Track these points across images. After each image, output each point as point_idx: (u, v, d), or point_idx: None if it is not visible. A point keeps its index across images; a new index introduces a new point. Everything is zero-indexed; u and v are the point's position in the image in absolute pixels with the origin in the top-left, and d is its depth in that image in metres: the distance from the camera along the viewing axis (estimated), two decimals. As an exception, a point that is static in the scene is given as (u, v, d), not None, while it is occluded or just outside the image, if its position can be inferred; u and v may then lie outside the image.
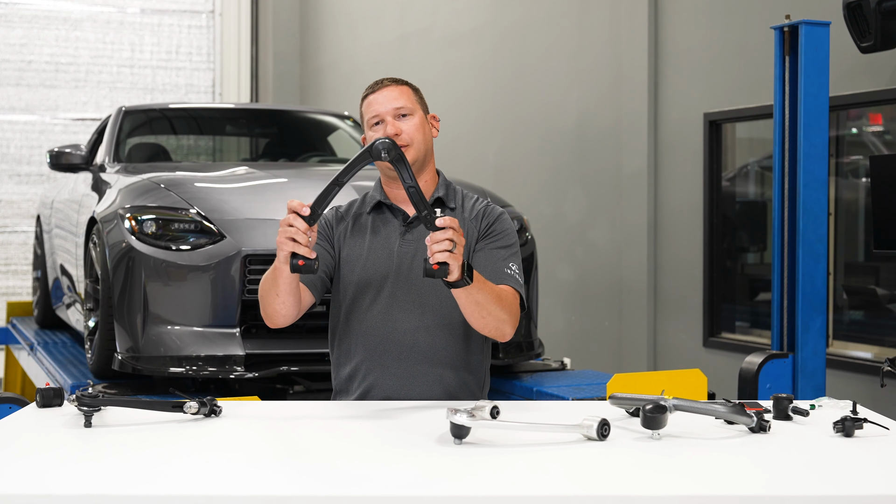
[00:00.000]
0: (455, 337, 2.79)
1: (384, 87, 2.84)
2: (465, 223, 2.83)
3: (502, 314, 2.64)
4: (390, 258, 2.80)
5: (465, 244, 2.79)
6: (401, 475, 1.95)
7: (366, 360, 2.79)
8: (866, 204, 5.62)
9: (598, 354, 7.27)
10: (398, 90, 2.84)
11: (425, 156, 2.85)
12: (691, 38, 6.58)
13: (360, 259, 2.82)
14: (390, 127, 2.78)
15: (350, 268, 2.82)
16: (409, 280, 2.78)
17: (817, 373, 4.52)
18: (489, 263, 2.77)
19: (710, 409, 2.31)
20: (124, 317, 4.14)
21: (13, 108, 11.95)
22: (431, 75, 9.53)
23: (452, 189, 2.93)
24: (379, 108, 2.82)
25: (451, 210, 2.86)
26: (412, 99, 2.84)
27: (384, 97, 2.82)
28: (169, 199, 4.30)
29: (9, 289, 11.79)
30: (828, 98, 4.54)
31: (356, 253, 2.83)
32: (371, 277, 2.80)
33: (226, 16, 12.62)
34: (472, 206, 2.89)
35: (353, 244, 2.84)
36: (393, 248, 2.81)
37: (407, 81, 2.90)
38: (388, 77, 2.90)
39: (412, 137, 2.80)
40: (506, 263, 2.76)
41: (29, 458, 2.07)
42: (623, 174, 7.08)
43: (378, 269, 2.80)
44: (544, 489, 1.86)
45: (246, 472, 1.97)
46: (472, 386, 2.84)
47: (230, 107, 7.38)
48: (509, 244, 2.81)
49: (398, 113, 2.80)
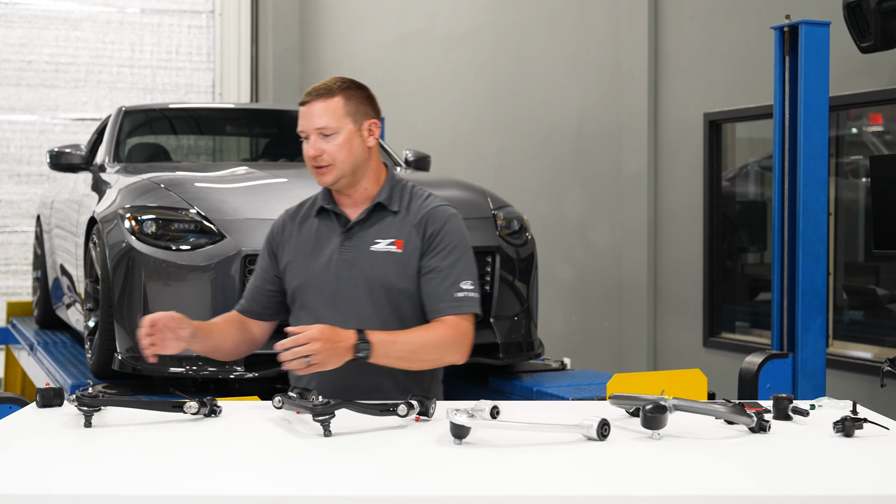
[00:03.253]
0: None
1: (312, 102, 2.76)
2: (407, 229, 2.77)
3: (435, 354, 2.64)
4: (329, 265, 2.77)
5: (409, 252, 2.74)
6: (401, 475, 1.95)
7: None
8: (866, 204, 5.62)
9: (598, 354, 7.27)
10: (324, 106, 2.74)
11: (354, 171, 2.77)
12: (691, 38, 6.58)
13: (302, 267, 2.81)
14: (311, 148, 2.74)
15: (293, 275, 2.82)
16: (349, 288, 2.75)
17: (817, 373, 4.52)
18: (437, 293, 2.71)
19: (710, 409, 2.31)
20: (124, 317, 4.14)
21: (13, 108, 11.94)
22: (431, 75, 9.53)
23: (400, 190, 2.84)
24: (304, 124, 2.77)
25: (394, 214, 2.79)
26: (339, 114, 2.74)
27: (310, 113, 2.75)
28: (169, 199, 4.30)
29: (9, 289, 11.79)
30: (828, 98, 4.54)
31: (299, 261, 2.82)
32: (311, 285, 2.79)
33: (226, 16, 12.62)
34: (417, 208, 2.80)
35: (297, 251, 2.83)
36: (333, 255, 2.78)
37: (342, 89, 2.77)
38: (322, 85, 2.78)
39: (333, 157, 2.74)
40: (456, 285, 2.71)
41: (29, 459, 2.07)
42: (623, 174, 7.07)
43: (318, 277, 2.78)
44: (544, 489, 1.86)
45: (246, 472, 1.97)
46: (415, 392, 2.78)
47: (230, 107, 7.37)
48: (458, 257, 2.74)
49: (320, 132, 2.74)
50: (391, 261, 2.75)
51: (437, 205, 2.83)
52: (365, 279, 2.75)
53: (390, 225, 2.79)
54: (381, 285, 2.75)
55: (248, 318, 2.91)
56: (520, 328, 4.53)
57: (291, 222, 2.89)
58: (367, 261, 2.76)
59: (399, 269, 2.75)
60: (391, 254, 2.75)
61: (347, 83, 2.80)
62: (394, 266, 2.75)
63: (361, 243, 2.77)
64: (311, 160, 2.76)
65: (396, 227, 2.79)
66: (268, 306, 2.89)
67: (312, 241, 2.82)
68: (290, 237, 2.87)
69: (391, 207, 2.80)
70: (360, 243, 2.78)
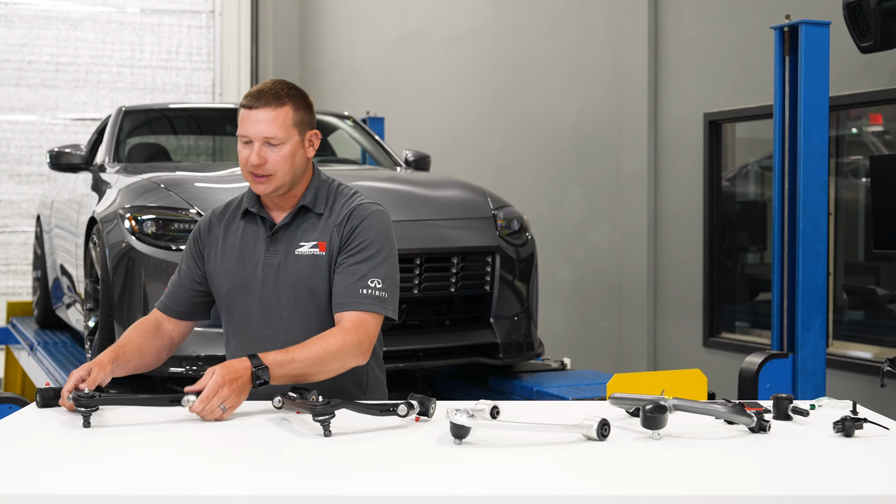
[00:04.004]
0: None
1: (261, 107, 2.65)
2: (329, 230, 2.70)
3: (336, 363, 2.56)
4: (255, 271, 2.72)
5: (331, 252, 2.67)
6: (401, 475, 1.95)
7: None
8: (866, 204, 5.62)
9: (598, 354, 7.27)
10: (275, 114, 2.64)
11: (292, 180, 2.69)
12: (691, 38, 6.58)
13: (228, 272, 2.74)
14: (255, 156, 2.63)
15: (221, 280, 2.76)
16: (276, 294, 2.69)
17: (817, 373, 4.52)
18: (340, 288, 2.64)
19: (710, 409, 2.31)
20: (124, 317, 4.14)
21: (13, 108, 11.95)
22: (431, 75, 9.53)
23: (325, 191, 2.76)
24: (249, 129, 2.65)
25: (318, 216, 2.72)
26: (287, 125, 2.65)
27: (257, 119, 2.64)
28: (169, 199, 4.30)
29: (9, 289, 11.80)
30: (828, 98, 4.54)
31: (224, 266, 2.75)
32: (239, 291, 2.73)
33: (226, 16, 12.63)
34: (339, 208, 2.73)
35: (224, 256, 2.76)
36: (259, 259, 2.72)
37: (291, 95, 2.69)
38: (271, 89, 2.67)
39: (276, 168, 2.65)
40: (363, 281, 2.63)
41: (29, 459, 2.07)
42: (623, 174, 7.07)
43: (244, 283, 2.72)
44: (544, 489, 1.86)
45: (246, 472, 1.97)
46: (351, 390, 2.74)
47: (230, 107, 7.37)
48: (371, 253, 2.66)
49: (267, 141, 2.65)
50: (314, 264, 2.68)
51: (360, 203, 2.74)
52: (291, 284, 2.68)
53: (314, 227, 2.72)
54: (307, 290, 2.68)
55: (165, 318, 2.82)
56: (520, 328, 4.53)
57: (218, 224, 2.81)
58: (293, 265, 2.69)
59: (322, 272, 2.68)
60: (314, 256, 2.68)
61: (294, 90, 2.71)
62: (317, 269, 2.68)
63: (286, 247, 2.70)
64: (253, 167, 2.66)
65: (320, 229, 2.71)
66: (190, 305, 2.81)
67: (238, 245, 2.75)
68: (216, 240, 2.79)
69: (316, 209, 2.73)
70: (284, 247, 2.71)
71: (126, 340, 2.74)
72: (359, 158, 6.43)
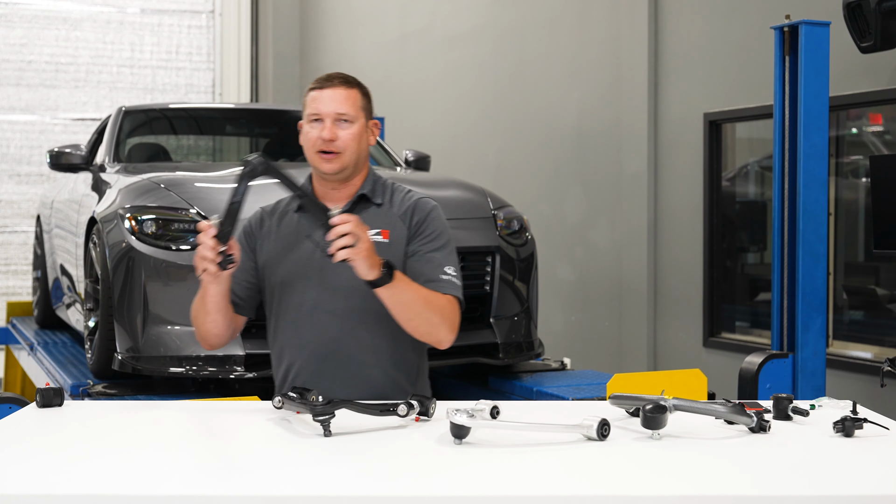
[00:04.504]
0: (381, 334, 2.74)
1: (334, 86, 2.76)
2: (392, 220, 2.78)
3: (433, 318, 2.62)
4: (313, 257, 2.76)
5: (396, 241, 2.75)
6: (401, 475, 1.95)
7: (295, 361, 2.77)
8: (866, 204, 5.62)
9: (598, 354, 7.27)
10: (346, 93, 2.76)
11: (356, 164, 2.78)
12: (691, 38, 6.58)
13: (284, 261, 2.78)
14: (327, 131, 2.72)
15: (273, 270, 2.79)
16: (334, 278, 2.73)
17: (817, 373, 4.52)
18: (424, 271, 2.72)
19: (710, 409, 2.31)
20: (124, 317, 4.14)
21: (13, 108, 11.94)
22: (431, 75, 9.53)
23: (381, 185, 2.86)
24: (322, 108, 2.75)
25: (378, 206, 2.81)
26: (357, 106, 2.77)
27: (330, 97, 2.75)
28: (169, 199, 4.30)
29: (9, 289, 11.79)
30: (828, 98, 4.54)
31: (280, 255, 2.79)
32: (295, 279, 2.76)
33: (226, 16, 12.62)
34: (400, 200, 2.82)
35: (276, 245, 2.81)
36: (317, 247, 2.76)
37: (359, 83, 2.82)
38: (340, 75, 2.81)
39: (346, 146, 2.74)
40: (441, 268, 2.71)
41: (29, 459, 2.07)
42: (623, 174, 7.08)
43: (302, 270, 2.76)
44: (544, 489, 1.86)
45: (246, 472, 1.97)
46: (401, 383, 2.78)
47: (230, 107, 7.37)
48: (442, 243, 2.76)
49: (339, 118, 2.74)
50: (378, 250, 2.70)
51: (420, 197, 2.85)
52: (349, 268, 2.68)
53: (375, 216, 2.78)
54: None
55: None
56: (520, 328, 4.53)
57: (269, 218, 2.86)
58: None
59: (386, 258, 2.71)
60: (378, 243, 2.72)
61: (358, 80, 2.84)
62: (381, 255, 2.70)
63: None
64: (323, 143, 2.73)
65: (382, 218, 2.78)
66: (244, 298, 2.83)
67: (294, 234, 2.80)
68: (269, 233, 2.83)
69: (374, 200, 2.81)
70: None
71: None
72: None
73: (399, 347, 2.78)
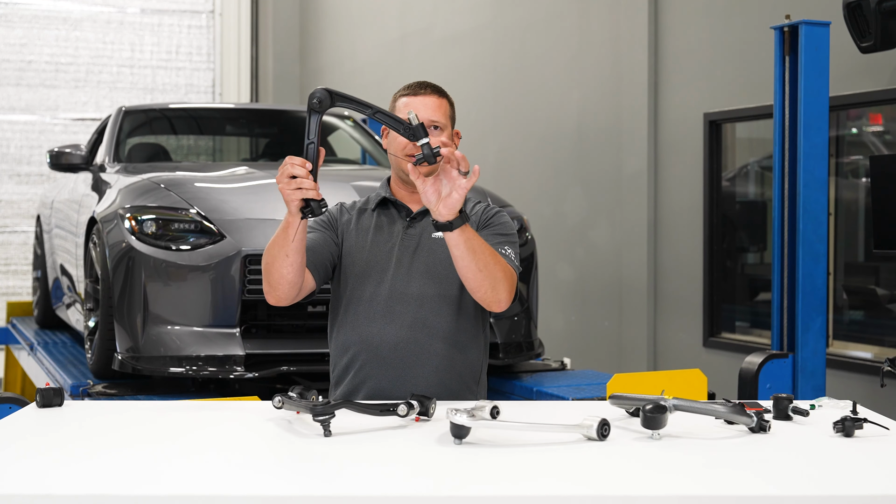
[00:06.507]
0: (451, 338, 2.80)
1: (426, 94, 2.84)
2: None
3: (498, 272, 2.64)
4: (391, 252, 2.83)
5: None
6: (401, 475, 1.95)
7: (362, 351, 2.80)
8: (866, 204, 5.62)
9: (598, 354, 7.27)
10: (438, 102, 2.84)
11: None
12: (691, 38, 6.58)
13: (362, 251, 2.84)
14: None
15: (351, 259, 2.85)
16: (410, 275, 2.80)
17: (817, 373, 4.52)
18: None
19: (710, 409, 2.31)
20: (124, 317, 4.14)
21: (13, 108, 11.95)
22: (431, 75, 9.49)
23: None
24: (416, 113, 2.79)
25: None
26: (446, 115, 2.85)
27: (423, 104, 2.81)
28: (169, 199, 4.30)
29: (9, 289, 11.80)
30: (828, 98, 4.54)
31: (358, 245, 2.86)
32: (371, 270, 2.82)
33: (226, 16, 12.62)
34: (472, 206, 2.91)
35: (356, 237, 2.87)
36: (395, 242, 2.84)
37: (447, 93, 2.90)
38: (430, 84, 2.87)
39: None
40: (502, 246, 2.77)
41: (29, 458, 2.07)
42: (623, 174, 7.08)
43: (379, 262, 2.82)
44: (544, 489, 1.86)
45: (246, 472, 1.97)
46: (468, 383, 2.84)
47: (230, 107, 7.38)
48: (507, 233, 2.83)
49: (431, 124, 2.80)
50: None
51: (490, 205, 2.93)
52: (425, 265, 2.80)
53: None
54: (441, 271, 2.79)
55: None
56: (520, 328, 4.53)
57: (349, 211, 2.93)
58: (428, 247, 2.82)
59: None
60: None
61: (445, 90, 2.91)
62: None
63: (421, 231, 2.83)
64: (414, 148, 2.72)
65: None
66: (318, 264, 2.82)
67: (373, 229, 2.87)
68: (349, 223, 2.90)
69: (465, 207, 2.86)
70: (420, 232, 2.84)
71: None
72: (359, 158, 6.44)
73: (468, 346, 2.83)
